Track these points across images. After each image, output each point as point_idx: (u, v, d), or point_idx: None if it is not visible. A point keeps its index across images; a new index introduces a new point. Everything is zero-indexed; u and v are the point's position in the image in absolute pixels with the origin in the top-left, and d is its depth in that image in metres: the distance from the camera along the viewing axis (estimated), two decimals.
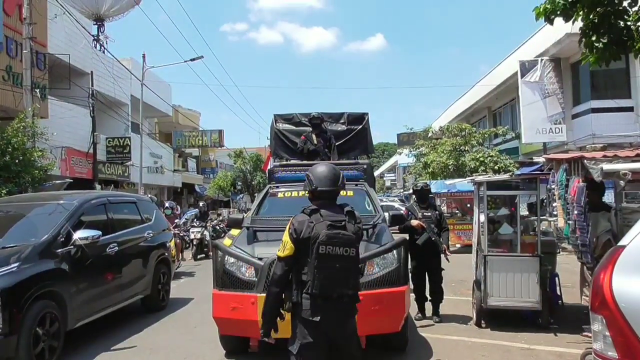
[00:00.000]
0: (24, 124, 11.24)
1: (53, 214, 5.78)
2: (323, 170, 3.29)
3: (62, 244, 5.39)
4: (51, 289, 5.05)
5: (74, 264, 5.43)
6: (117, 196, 7.73)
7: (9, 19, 12.21)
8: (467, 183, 9.69)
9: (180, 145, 32.81)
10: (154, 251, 7.40)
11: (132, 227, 7.05)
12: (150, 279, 7.20)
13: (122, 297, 6.48)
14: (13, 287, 4.57)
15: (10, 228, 5.76)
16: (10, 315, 4.46)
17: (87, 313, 5.70)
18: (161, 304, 7.56)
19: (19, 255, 4.88)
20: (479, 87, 24.21)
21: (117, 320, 6.63)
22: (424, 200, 6.84)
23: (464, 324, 6.38)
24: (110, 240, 6.25)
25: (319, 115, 7.55)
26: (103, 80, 20.09)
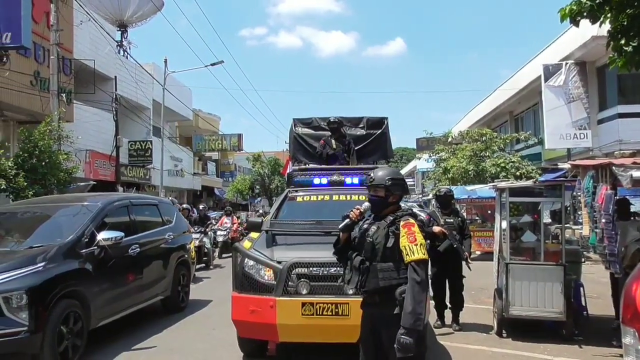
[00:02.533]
0: (51, 127, 11.49)
1: (77, 215, 5.89)
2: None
3: (86, 245, 5.48)
4: (75, 288, 5.14)
5: (97, 264, 5.50)
6: (139, 198, 7.85)
7: (37, 26, 12.49)
8: (489, 189, 9.58)
9: (200, 148, 33.11)
10: (174, 253, 7.48)
11: (153, 228, 7.13)
12: (170, 280, 7.28)
13: (142, 297, 6.55)
14: (39, 285, 4.67)
15: (36, 228, 5.91)
16: (36, 313, 4.55)
17: (109, 313, 5.78)
18: (180, 305, 7.62)
19: (45, 255, 4.97)
20: (501, 91, 23.94)
21: (137, 321, 6.69)
22: (446, 206, 6.76)
23: (485, 333, 6.27)
24: (132, 242, 6.32)
25: (338, 119, 7.53)
26: (126, 84, 20.43)
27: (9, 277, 4.58)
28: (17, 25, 9.75)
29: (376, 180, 3.23)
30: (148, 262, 6.70)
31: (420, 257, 2.95)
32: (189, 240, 8.36)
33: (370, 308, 3.19)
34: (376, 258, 3.06)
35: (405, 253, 2.98)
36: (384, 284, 3.03)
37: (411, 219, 3.10)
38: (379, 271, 3.04)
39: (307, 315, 4.40)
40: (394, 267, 3.03)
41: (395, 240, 3.03)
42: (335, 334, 4.49)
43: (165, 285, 7.14)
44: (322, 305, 4.39)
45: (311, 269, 4.53)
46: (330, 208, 5.89)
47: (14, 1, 9.76)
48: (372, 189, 3.25)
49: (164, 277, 7.13)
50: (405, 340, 2.85)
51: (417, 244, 2.97)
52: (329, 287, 4.46)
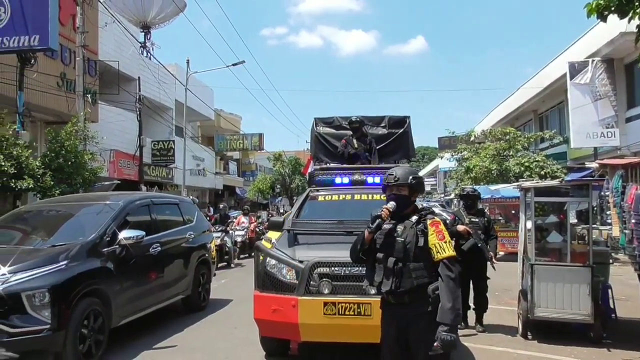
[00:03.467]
0: (76, 128, 11.72)
1: (100, 214, 5.94)
2: None
3: (108, 244, 5.51)
4: (97, 287, 5.18)
5: (118, 263, 5.54)
6: (161, 197, 7.87)
7: (63, 28, 12.74)
8: (513, 189, 9.43)
9: (222, 148, 33.41)
10: (194, 252, 7.48)
11: (174, 227, 7.14)
12: (191, 279, 7.29)
13: (163, 296, 6.58)
14: (61, 284, 4.71)
15: (59, 227, 5.97)
16: (59, 311, 4.59)
17: (130, 311, 5.80)
18: (201, 305, 7.64)
19: (68, 253, 5.02)
20: (525, 89, 23.55)
21: (158, 320, 6.73)
22: (471, 206, 6.67)
23: (509, 334, 6.17)
24: (153, 241, 6.35)
25: (360, 118, 7.50)
26: (149, 85, 20.70)
27: (32, 275, 4.63)
28: (44, 27, 9.94)
29: (401, 179, 3.21)
30: (169, 261, 6.73)
31: (451, 254, 3.01)
32: (210, 239, 8.36)
33: (396, 308, 3.15)
34: (409, 258, 3.06)
35: (436, 251, 3.02)
36: (417, 283, 3.04)
37: (436, 217, 3.14)
38: (412, 271, 3.05)
39: (329, 315, 4.39)
40: (424, 266, 3.05)
41: (424, 240, 3.05)
42: (358, 334, 4.47)
43: (185, 284, 7.16)
44: (344, 305, 4.38)
45: (333, 269, 4.51)
46: (352, 207, 5.87)
47: (41, 4, 9.96)
48: (395, 188, 3.23)
49: (185, 276, 7.14)
50: (448, 336, 2.88)
51: (446, 242, 3.03)
52: (351, 287, 4.44)
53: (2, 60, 10.80)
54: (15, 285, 4.52)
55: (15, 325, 4.45)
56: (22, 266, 4.70)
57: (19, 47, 10.06)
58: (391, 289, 3.09)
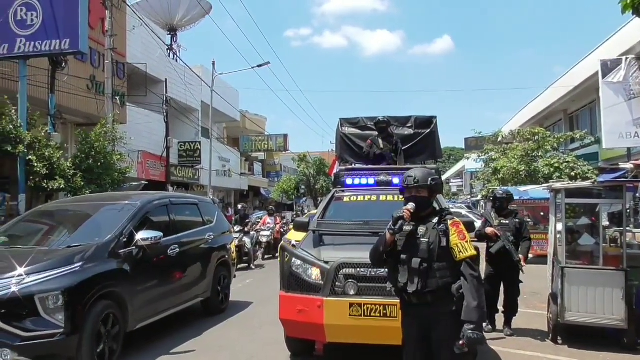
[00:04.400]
0: (105, 129, 11.99)
1: (117, 214, 5.78)
2: None
3: (125, 245, 5.35)
4: (113, 289, 5.02)
5: (135, 264, 5.38)
6: (179, 197, 7.69)
7: (92, 32, 13.02)
8: (542, 190, 9.22)
9: (247, 149, 33.71)
10: (214, 253, 7.32)
11: (193, 228, 6.98)
12: (211, 281, 7.12)
13: (182, 299, 6.41)
14: (76, 286, 4.56)
15: (76, 227, 5.86)
16: (73, 314, 4.45)
17: (147, 314, 5.65)
18: (221, 307, 7.47)
19: (83, 254, 4.88)
20: (554, 89, 23.06)
21: (177, 323, 6.61)
22: (502, 208, 6.55)
23: (539, 339, 6.03)
24: (172, 242, 6.19)
25: (385, 119, 7.44)
26: (176, 87, 21.02)
27: (46, 277, 4.49)
28: (74, 31, 10.17)
29: (421, 181, 3.27)
30: (188, 262, 6.56)
31: (473, 253, 3.09)
32: (230, 240, 8.17)
33: (418, 308, 3.19)
34: (433, 258, 3.11)
35: (458, 250, 3.08)
36: (442, 283, 3.09)
37: (456, 218, 3.23)
38: (436, 271, 3.10)
39: (355, 316, 4.36)
40: (447, 266, 3.11)
41: (446, 240, 3.12)
42: (384, 336, 4.43)
43: (205, 286, 6.99)
44: (370, 306, 4.35)
45: (359, 270, 4.48)
46: (378, 208, 5.82)
47: (72, 9, 10.19)
48: (414, 190, 3.28)
49: (204, 278, 6.97)
50: (474, 334, 2.92)
51: (467, 241, 3.10)
52: (376, 288, 4.40)
53: (34, 64, 11.08)
54: (29, 288, 4.38)
55: (27, 329, 4.30)
56: (35, 268, 4.57)
57: (51, 51, 10.32)
58: (417, 289, 3.11)
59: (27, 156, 9.82)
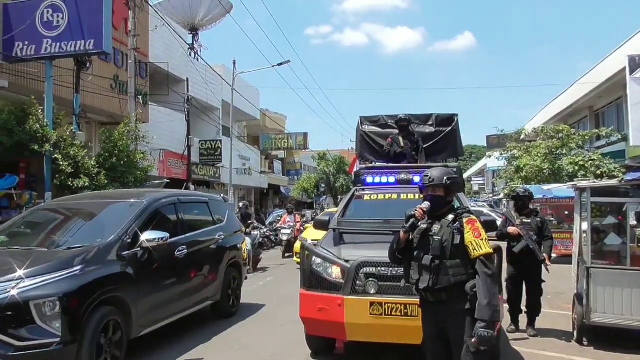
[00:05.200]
0: (128, 128, 12.18)
1: (121, 213, 5.48)
2: None
3: (129, 246, 5.05)
4: (115, 294, 4.74)
5: (140, 267, 5.07)
6: (188, 195, 7.38)
7: (116, 32, 13.22)
8: (567, 189, 9.04)
9: (267, 147, 33.83)
10: (224, 254, 7.01)
11: (202, 228, 6.69)
12: (221, 283, 6.83)
13: (190, 303, 6.11)
14: (75, 291, 4.27)
15: (77, 227, 5.59)
16: (71, 321, 4.15)
17: (152, 320, 5.36)
18: (231, 310, 7.17)
19: (84, 257, 4.59)
20: (579, 85, 22.59)
21: (184, 328, 6.29)
22: (524, 207, 6.45)
23: (563, 340, 5.93)
24: (180, 243, 5.88)
25: (406, 116, 7.39)
26: (197, 86, 21.20)
27: (42, 281, 4.18)
28: (99, 32, 10.33)
29: (436, 180, 3.34)
30: (196, 264, 6.25)
31: (487, 251, 3.08)
32: (241, 240, 7.86)
33: (434, 306, 3.25)
34: (445, 256, 3.15)
35: (473, 248, 3.10)
36: (455, 281, 3.13)
37: (472, 216, 3.23)
38: (449, 268, 3.14)
39: (376, 315, 4.35)
40: (462, 264, 3.13)
41: (460, 238, 3.14)
42: (404, 335, 4.41)
43: (214, 289, 6.68)
44: (391, 305, 4.33)
45: (379, 269, 4.47)
46: (399, 207, 5.77)
47: (96, 10, 10.36)
48: (430, 189, 3.36)
49: (214, 280, 6.67)
50: (485, 332, 2.93)
51: (482, 239, 3.09)
52: (398, 287, 4.37)
53: (60, 65, 11.31)
54: (24, 293, 4.07)
55: (22, 338, 3.99)
56: (32, 271, 4.25)
57: (76, 52, 10.51)
58: (428, 285, 3.19)
59: (53, 155, 10.05)
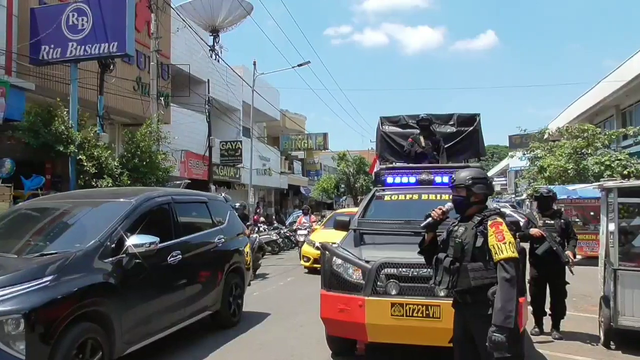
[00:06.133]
0: (150, 129, 12.33)
1: (106, 215, 4.90)
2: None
3: (112, 252, 4.47)
4: (95, 308, 4.16)
5: (125, 276, 4.50)
6: (185, 195, 6.68)
7: (138, 34, 13.42)
8: (593, 189, 8.86)
9: (287, 148, 33.95)
10: (225, 259, 6.46)
11: (200, 231, 6.13)
12: (220, 291, 6.24)
13: (185, 314, 5.49)
14: (44, 306, 3.67)
15: (55, 230, 4.99)
16: (39, 342, 3.58)
17: (141, 335, 4.75)
18: (232, 320, 6.56)
19: (58, 265, 4.00)
20: (605, 83, 22.11)
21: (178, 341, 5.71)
22: (547, 207, 6.33)
23: (590, 343, 5.79)
24: (173, 247, 5.27)
25: (428, 116, 7.33)
26: (218, 87, 21.38)
27: (5, 295, 3.60)
28: (122, 35, 10.49)
29: (457, 181, 3.33)
30: (193, 271, 5.67)
31: (508, 256, 2.98)
32: (244, 243, 7.23)
33: (462, 308, 3.24)
34: (466, 258, 3.13)
35: (494, 252, 3.02)
36: (475, 284, 3.08)
37: (499, 218, 3.13)
38: (469, 271, 3.10)
39: (397, 316, 4.32)
40: (484, 267, 3.07)
41: (484, 240, 3.07)
42: (426, 337, 4.37)
43: (214, 297, 6.09)
44: (412, 306, 4.29)
45: (400, 270, 4.44)
46: (420, 207, 5.71)
47: (120, 13, 10.51)
48: (454, 190, 3.35)
49: (213, 288, 6.09)
50: (497, 337, 2.87)
51: (505, 242, 3.00)
52: (419, 288, 4.34)
53: (84, 67, 11.51)
54: None
55: None
56: None
57: (100, 54, 10.69)
58: (448, 287, 3.20)
59: (77, 156, 10.23)
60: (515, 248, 3.03)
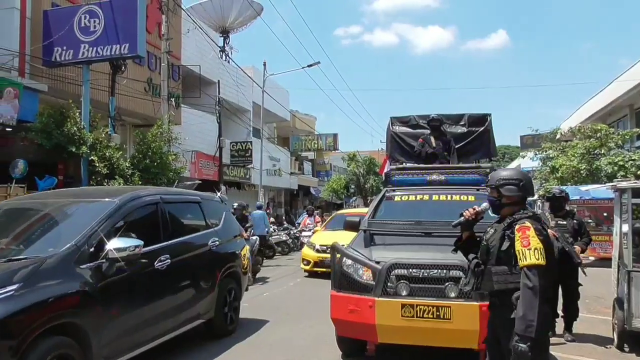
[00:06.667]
0: (161, 130, 12.41)
1: (85, 216, 4.51)
2: (529, 177, 3.38)
3: (90, 257, 4.04)
4: (68, 320, 3.75)
5: (105, 284, 4.09)
6: (175, 194, 6.12)
7: (149, 36, 13.51)
8: (606, 190, 8.76)
9: (297, 148, 33.99)
10: (219, 264, 6.02)
11: (192, 233, 5.71)
12: (214, 298, 5.80)
13: (174, 323, 5.05)
14: (8, 318, 3.31)
15: (27, 234, 4.55)
16: (1, 358, 3.24)
17: (123, 349, 4.32)
18: (228, 329, 6.12)
19: (27, 272, 3.62)
20: (619, 82, 21.83)
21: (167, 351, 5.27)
22: (559, 208, 6.27)
23: (603, 345, 5.72)
24: (161, 251, 4.85)
25: (438, 116, 7.30)
26: (228, 88, 21.46)
27: None
28: (133, 36, 10.58)
29: (489, 181, 3.31)
30: (183, 277, 5.23)
31: (532, 262, 2.84)
32: (241, 246, 6.80)
33: (492, 310, 3.22)
34: (490, 261, 3.08)
35: (519, 257, 2.91)
36: (498, 287, 3.03)
37: (527, 222, 2.98)
38: (493, 274, 3.05)
39: (407, 317, 4.30)
40: (509, 271, 3.00)
41: (510, 244, 2.99)
42: (437, 338, 4.35)
43: (207, 305, 5.66)
44: (423, 307, 4.27)
45: (411, 271, 4.42)
46: (430, 208, 5.73)
47: (131, 15, 10.60)
48: (489, 190, 3.34)
49: (206, 294, 5.65)
50: (519, 346, 2.79)
51: (530, 249, 2.87)
52: (430, 289, 4.33)
53: (96, 69, 11.62)
54: None
55: None
56: None
57: (111, 56, 10.78)
58: (472, 288, 3.23)
59: (89, 156, 10.32)
60: (542, 255, 2.85)
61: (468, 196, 5.77)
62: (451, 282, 4.31)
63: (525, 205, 3.24)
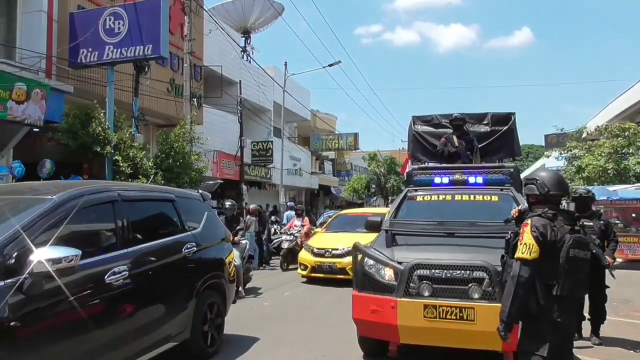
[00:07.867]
0: (184, 130, 12.54)
1: (9, 216, 3.50)
2: (553, 175, 3.48)
3: (7, 272, 3.12)
4: None
5: (29, 306, 3.17)
6: (140, 191, 5.10)
7: (172, 37, 13.65)
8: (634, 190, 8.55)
9: (318, 148, 34.00)
10: (197, 274, 5.05)
11: (162, 238, 4.71)
12: (190, 315, 4.85)
13: (134, 349, 4.11)
14: None
15: None
16: None
17: None
18: (207, 351, 5.14)
19: None
20: None
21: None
22: (584, 209, 6.14)
23: (632, 349, 5.58)
24: (115, 262, 3.92)
25: (461, 115, 7.22)
26: (249, 88, 21.57)
27: None
28: (156, 37, 10.71)
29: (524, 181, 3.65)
30: (147, 292, 4.28)
31: (518, 255, 3.17)
32: (227, 252, 5.82)
33: None
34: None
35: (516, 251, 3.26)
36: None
37: (529, 219, 3.24)
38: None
39: (430, 318, 4.26)
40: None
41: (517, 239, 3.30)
42: (459, 339, 4.30)
43: (180, 323, 4.71)
44: (446, 308, 4.22)
45: (433, 271, 4.38)
46: (453, 208, 5.67)
47: (154, 16, 10.74)
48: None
49: (179, 311, 4.70)
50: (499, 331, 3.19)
51: (521, 243, 3.18)
52: (452, 290, 4.28)
53: (120, 70, 11.80)
54: None
55: None
56: None
57: (135, 57, 10.94)
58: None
59: (113, 156, 10.50)
60: (530, 249, 3.10)
61: (491, 196, 5.69)
62: (474, 283, 4.26)
63: (555, 203, 3.36)
